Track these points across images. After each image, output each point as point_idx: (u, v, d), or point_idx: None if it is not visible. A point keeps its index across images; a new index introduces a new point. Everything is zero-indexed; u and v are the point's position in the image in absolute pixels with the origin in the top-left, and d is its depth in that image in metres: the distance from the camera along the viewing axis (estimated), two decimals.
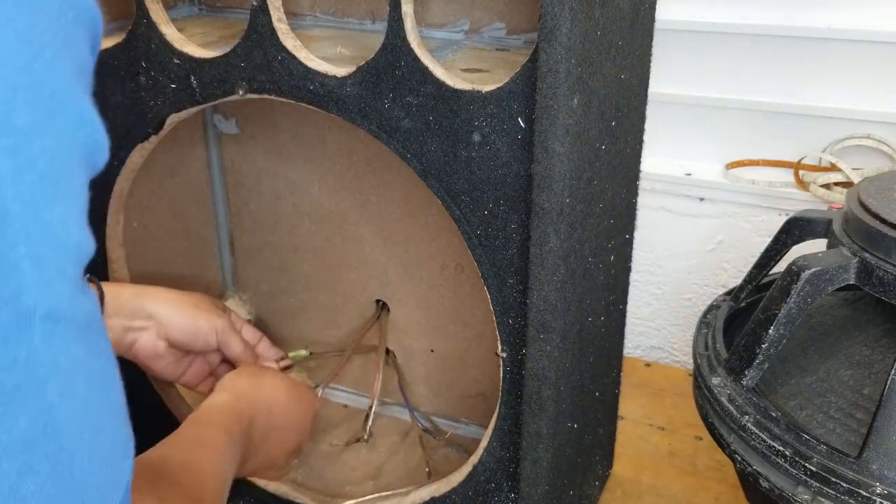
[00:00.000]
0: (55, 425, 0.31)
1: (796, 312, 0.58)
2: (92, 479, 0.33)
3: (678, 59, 1.04)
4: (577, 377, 0.66)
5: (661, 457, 0.90)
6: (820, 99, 1.01)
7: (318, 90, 0.59)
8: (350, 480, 0.81)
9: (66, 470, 0.31)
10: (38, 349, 0.30)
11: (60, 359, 0.31)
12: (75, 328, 0.32)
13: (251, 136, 0.84)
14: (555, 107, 0.50)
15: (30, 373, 0.30)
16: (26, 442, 0.30)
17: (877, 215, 0.59)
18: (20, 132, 0.28)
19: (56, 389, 0.31)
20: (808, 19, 0.98)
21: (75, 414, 0.32)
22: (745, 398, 0.60)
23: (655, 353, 1.21)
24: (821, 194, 1.00)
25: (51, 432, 0.31)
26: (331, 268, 0.87)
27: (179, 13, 0.78)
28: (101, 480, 0.34)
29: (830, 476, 0.53)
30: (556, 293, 0.56)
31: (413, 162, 0.58)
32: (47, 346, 0.30)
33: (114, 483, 0.35)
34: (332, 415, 0.90)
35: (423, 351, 0.86)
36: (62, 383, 0.31)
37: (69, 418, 0.31)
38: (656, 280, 1.16)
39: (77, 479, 0.32)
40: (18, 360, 0.29)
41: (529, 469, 0.63)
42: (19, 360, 0.29)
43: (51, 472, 0.31)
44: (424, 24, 0.69)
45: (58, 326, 0.31)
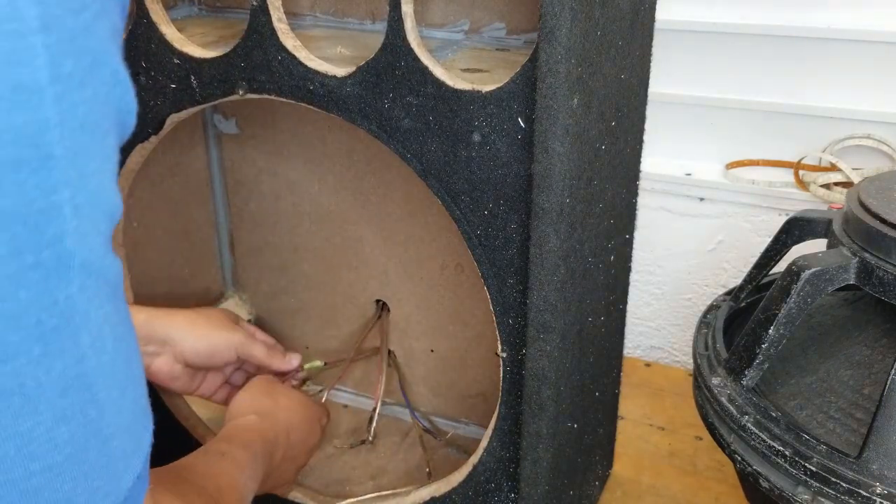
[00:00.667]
0: (87, 377, 0.32)
1: (796, 312, 0.58)
2: (117, 439, 0.34)
3: (678, 59, 1.04)
4: (577, 377, 0.66)
5: (661, 457, 0.90)
6: (820, 99, 1.01)
7: (318, 90, 0.59)
8: (350, 480, 0.81)
9: (95, 424, 0.32)
10: (74, 296, 0.30)
11: (92, 312, 0.32)
12: (106, 286, 0.33)
13: (251, 136, 0.84)
14: (555, 107, 0.50)
15: (67, 318, 0.30)
16: (62, 388, 0.30)
17: (877, 215, 0.59)
18: (65, 81, 0.29)
19: (88, 341, 0.31)
20: (808, 19, 0.98)
21: (104, 370, 0.33)
22: (745, 398, 0.60)
23: (655, 353, 1.21)
24: (821, 194, 1.00)
25: (83, 383, 0.31)
26: (331, 268, 0.87)
27: (179, 13, 0.78)
28: (124, 443, 0.34)
29: (830, 476, 0.53)
30: (556, 293, 0.56)
31: (413, 162, 0.58)
32: (81, 296, 0.31)
33: (135, 449, 0.36)
34: (334, 415, 0.90)
35: (423, 351, 0.86)
36: (93, 336, 0.32)
37: (99, 373, 0.32)
38: (656, 280, 1.16)
39: (104, 435, 0.33)
40: (58, 303, 0.30)
41: (529, 469, 0.63)
42: (59, 302, 0.30)
43: (82, 422, 0.32)
44: (424, 24, 0.69)
45: (90, 279, 0.31)
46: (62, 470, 0.31)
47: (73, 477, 0.32)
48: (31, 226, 0.29)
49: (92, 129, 0.31)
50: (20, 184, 0.28)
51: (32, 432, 0.30)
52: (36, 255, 0.29)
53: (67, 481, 0.31)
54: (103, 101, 0.31)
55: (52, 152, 0.29)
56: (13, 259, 0.28)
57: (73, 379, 0.31)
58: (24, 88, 0.28)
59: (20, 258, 0.28)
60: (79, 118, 0.30)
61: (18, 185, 0.28)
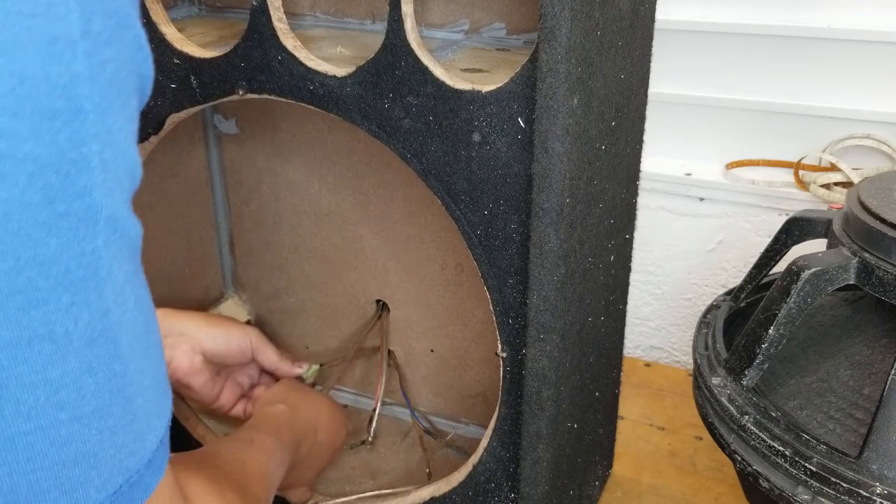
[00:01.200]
0: (111, 331, 0.32)
1: (796, 312, 0.58)
2: (140, 399, 0.34)
3: (678, 59, 1.04)
4: (577, 377, 0.66)
5: (661, 457, 0.90)
6: (820, 99, 1.01)
7: (318, 90, 0.59)
8: (350, 480, 0.81)
9: (119, 380, 0.33)
10: (100, 249, 0.31)
11: (115, 268, 0.32)
12: (128, 245, 0.33)
13: (251, 136, 0.84)
14: (555, 107, 0.50)
15: (93, 270, 0.31)
16: (89, 339, 0.31)
17: (877, 215, 0.59)
18: (95, 38, 0.30)
19: (112, 296, 0.32)
20: (808, 19, 0.98)
21: (127, 327, 0.33)
22: (745, 398, 0.60)
23: (655, 353, 1.21)
24: (821, 194, 1.00)
25: (108, 336, 0.32)
26: (331, 268, 0.87)
27: (179, 13, 0.78)
28: (147, 404, 0.35)
29: (830, 476, 0.53)
30: (556, 293, 0.56)
31: (413, 162, 0.58)
32: (107, 250, 0.31)
33: (158, 413, 0.36)
34: None
35: (423, 351, 0.86)
36: (116, 292, 0.32)
37: (123, 328, 0.33)
38: (656, 280, 1.16)
39: (128, 393, 0.34)
40: (85, 254, 0.30)
41: (529, 469, 0.63)
42: (86, 253, 0.30)
43: (107, 376, 0.32)
44: (424, 24, 0.69)
45: (115, 235, 0.32)
46: (89, 422, 0.32)
47: (100, 430, 0.32)
48: (63, 175, 0.29)
49: (118, 88, 0.32)
50: (54, 133, 0.29)
51: (61, 380, 0.30)
52: (67, 204, 0.29)
53: (94, 434, 0.32)
54: (128, 63, 0.32)
55: (83, 105, 0.30)
56: (46, 207, 0.29)
57: (98, 331, 0.32)
58: (58, 41, 0.28)
59: (52, 206, 0.29)
60: (107, 75, 0.31)
61: (53, 135, 0.29)
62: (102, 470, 0.33)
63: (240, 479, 0.53)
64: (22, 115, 0.28)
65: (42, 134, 0.28)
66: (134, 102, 0.34)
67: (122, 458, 0.34)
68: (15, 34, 0.27)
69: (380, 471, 0.82)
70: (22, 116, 0.28)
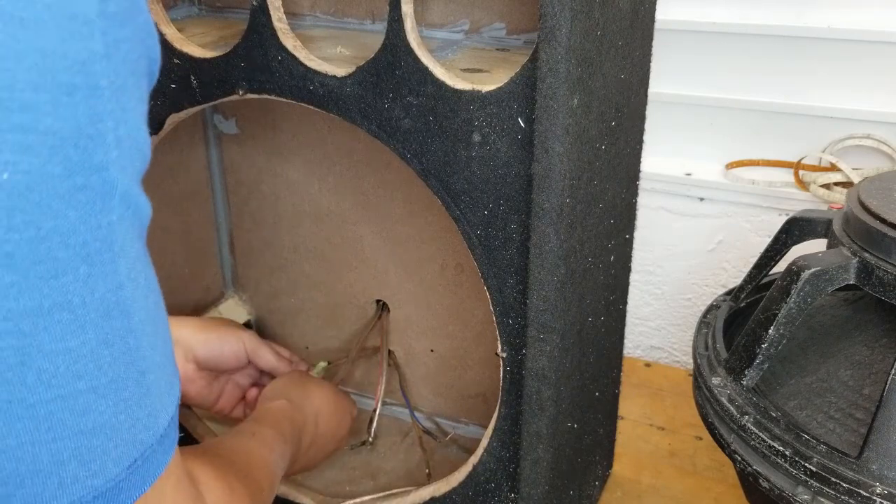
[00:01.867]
0: (125, 305, 0.33)
1: (796, 312, 0.58)
2: (153, 374, 0.35)
3: (678, 59, 1.04)
4: (577, 377, 0.66)
5: (661, 457, 0.90)
6: (820, 99, 1.01)
7: (318, 90, 0.59)
8: (350, 480, 0.81)
9: (133, 353, 0.34)
10: (114, 224, 0.32)
11: (127, 244, 0.33)
12: (139, 224, 0.34)
13: (251, 136, 0.84)
14: (555, 107, 0.50)
15: (108, 243, 0.32)
16: (104, 311, 0.32)
17: (877, 215, 0.59)
18: (111, 18, 0.31)
19: (125, 271, 0.33)
20: (808, 19, 0.98)
21: (139, 303, 0.34)
22: (745, 398, 0.60)
23: (655, 353, 1.21)
24: (821, 194, 0.99)
25: (122, 310, 0.33)
26: (331, 268, 0.87)
27: (179, 13, 0.78)
28: (159, 381, 0.36)
29: (830, 476, 0.53)
30: (556, 293, 0.56)
31: (413, 162, 0.58)
32: (120, 226, 0.32)
33: (168, 391, 0.37)
34: None
35: (423, 351, 0.86)
36: (129, 267, 0.33)
37: (135, 304, 0.33)
38: (656, 280, 1.16)
39: (141, 367, 0.34)
40: (101, 227, 0.31)
41: (529, 469, 0.63)
42: (102, 227, 0.31)
43: (122, 348, 0.33)
44: (424, 24, 0.69)
45: (127, 212, 0.33)
46: (106, 393, 0.32)
47: (115, 402, 0.33)
48: (81, 149, 0.30)
49: (131, 68, 0.32)
50: (73, 108, 0.29)
51: (80, 350, 0.31)
52: (85, 177, 0.30)
53: (111, 405, 0.33)
54: (139, 45, 0.33)
55: (99, 83, 0.30)
56: (66, 179, 0.30)
57: (113, 304, 0.32)
58: (77, 19, 0.29)
59: (72, 179, 0.30)
60: (121, 55, 0.31)
61: (72, 109, 0.29)
62: (119, 442, 0.33)
63: (243, 468, 0.53)
64: (43, 89, 0.28)
65: (62, 108, 0.29)
66: (144, 84, 0.34)
67: (136, 432, 0.34)
68: (38, 11, 0.28)
69: (380, 471, 0.82)
70: (43, 90, 0.28)
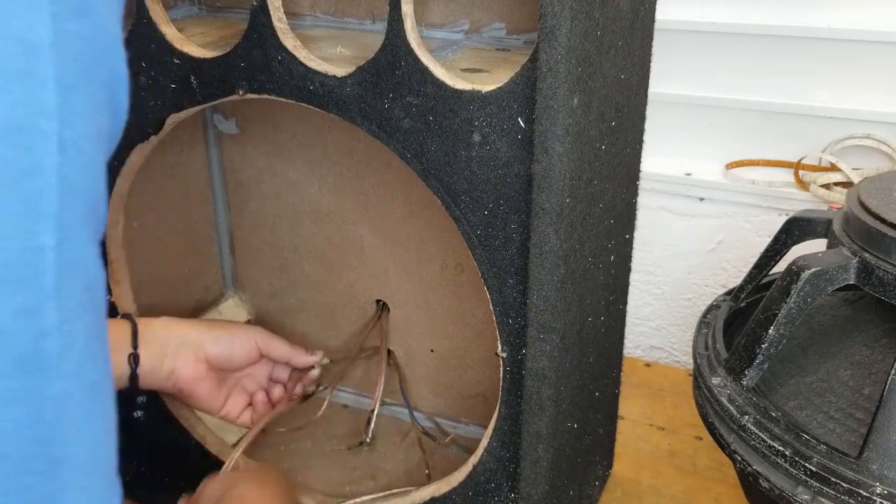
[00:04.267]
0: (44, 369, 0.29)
1: (796, 312, 0.58)
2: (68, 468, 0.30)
3: (678, 59, 1.04)
4: (577, 377, 0.66)
5: (661, 457, 0.90)
6: (820, 99, 1.01)
7: (318, 90, 0.59)
8: (350, 480, 0.81)
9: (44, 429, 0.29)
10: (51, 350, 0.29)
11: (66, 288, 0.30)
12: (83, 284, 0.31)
13: (251, 136, 0.84)
14: (555, 107, 0.50)
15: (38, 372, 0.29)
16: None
17: (877, 215, 0.59)
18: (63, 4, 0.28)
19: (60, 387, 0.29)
20: (808, 19, 0.98)
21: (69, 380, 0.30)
22: (745, 398, 0.60)
23: (655, 353, 1.21)
24: (821, 194, 0.99)
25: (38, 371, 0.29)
26: (331, 268, 0.87)
27: (179, 13, 0.78)
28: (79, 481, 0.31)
29: (830, 476, 0.53)
30: (556, 293, 0.56)
31: (413, 162, 0.58)
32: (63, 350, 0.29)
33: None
34: (333, 415, 0.90)
35: (423, 351, 0.86)
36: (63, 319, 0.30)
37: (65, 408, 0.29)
38: (656, 280, 1.16)
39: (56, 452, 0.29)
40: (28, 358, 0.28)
41: (529, 469, 0.63)
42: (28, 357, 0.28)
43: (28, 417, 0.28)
44: (424, 24, 0.69)
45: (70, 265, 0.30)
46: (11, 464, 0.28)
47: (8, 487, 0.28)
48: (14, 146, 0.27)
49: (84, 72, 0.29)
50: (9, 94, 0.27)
51: None
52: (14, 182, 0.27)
53: None
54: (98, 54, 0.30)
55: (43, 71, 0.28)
56: None
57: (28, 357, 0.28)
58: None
59: None
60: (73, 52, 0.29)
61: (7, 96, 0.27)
62: None
63: None
64: None
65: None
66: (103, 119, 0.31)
67: None
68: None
69: (380, 471, 0.82)
70: None
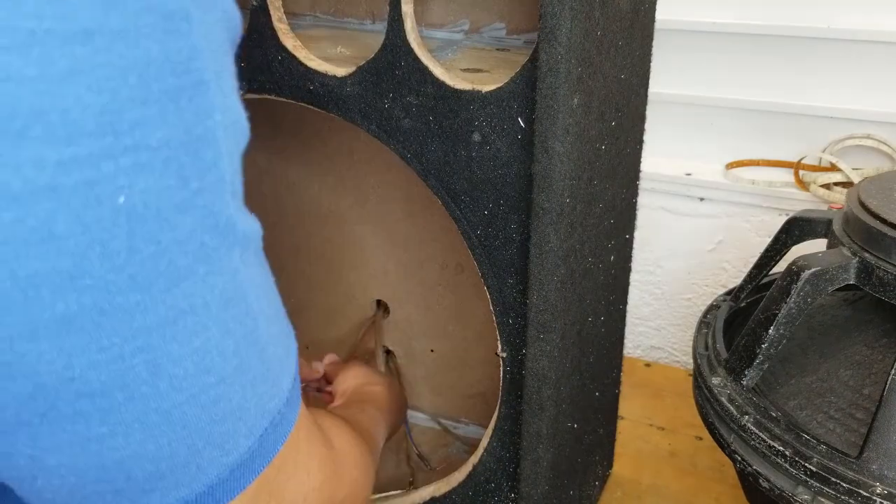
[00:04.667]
0: (242, 289, 0.33)
1: (796, 312, 0.58)
2: (272, 346, 0.36)
3: (678, 59, 1.04)
4: (577, 377, 0.66)
5: (661, 457, 0.90)
6: (820, 99, 1.01)
7: (318, 90, 0.59)
8: None
9: (252, 333, 0.34)
10: (233, 216, 0.32)
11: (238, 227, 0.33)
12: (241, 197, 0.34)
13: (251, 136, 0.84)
14: (555, 107, 0.50)
15: (224, 236, 0.31)
16: (224, 302, 0.32)
17: (877, 215, 0.59)
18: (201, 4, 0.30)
19: (238, 255, 0.33)
20: (808, 19, 0.98)
21: (253, 281, 0.34)
22: (745, 398, 0.60)
23: (655, 353, 1.21)
24: (821, 194, 1.00)
25: (240, 295, 0.33)
26: (331, 268, 0.87)
27: None
28: (277, 349, 0.37)
29: (830, 476, 0.53)
30: (556, 293, 0.56)
31: (413, 162, 0.58)
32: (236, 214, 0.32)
33: (287, 354, 0.38)
34: None
35: (423, 351, 0.86)
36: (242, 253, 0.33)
37: (250, 285, 0.34)
38: (656, 280, 1.16)
39: (262, 343, 0.35)
40: (219, 225, 0.31)
41: (529, 469, 0.63)
42: (220, 224, 0.31)
43: (242, 333, 0.33)
44: (424, 24, 0.69)
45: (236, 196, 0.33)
46: (232, 380, 0.33)
47: (242, 385, 0.34)
48: (193, 153, 0.29)
49: (223, 47, 0.32)
50: (181, 112, 0.29)
51: (205, 347, 0.31)
52: (200, 181, 0.30)
53: (237, 390, 0.33)
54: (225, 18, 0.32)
55: (204, 77, 0.30)
56: (182, 188, 0.29)
57: (231, 293, 0.32)
58: (174, 16, 0.28)
59: (187, 186, 0.29)
60: (215, 39, 0.31)
61: (179, 114, 0.29)
62: (248, 419, 0.34)
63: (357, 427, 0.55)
64: (150, 101, 0.27)
65: (170, 115, 0.28)
66: (232, 56, 0.33)
67: (263, 404, 0.35)
68: (133, 19, 0.27)
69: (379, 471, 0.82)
70: (150, 103, 0.27)
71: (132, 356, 0.29)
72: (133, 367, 0.29)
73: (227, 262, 0.32)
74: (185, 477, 0.33)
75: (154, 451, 0.31)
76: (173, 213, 0.29)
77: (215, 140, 0.30)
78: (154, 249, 0.29)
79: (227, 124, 0.31)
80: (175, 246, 0.29)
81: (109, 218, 0.27)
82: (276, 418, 0.36)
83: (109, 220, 0.27)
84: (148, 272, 0.29)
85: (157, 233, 0.29)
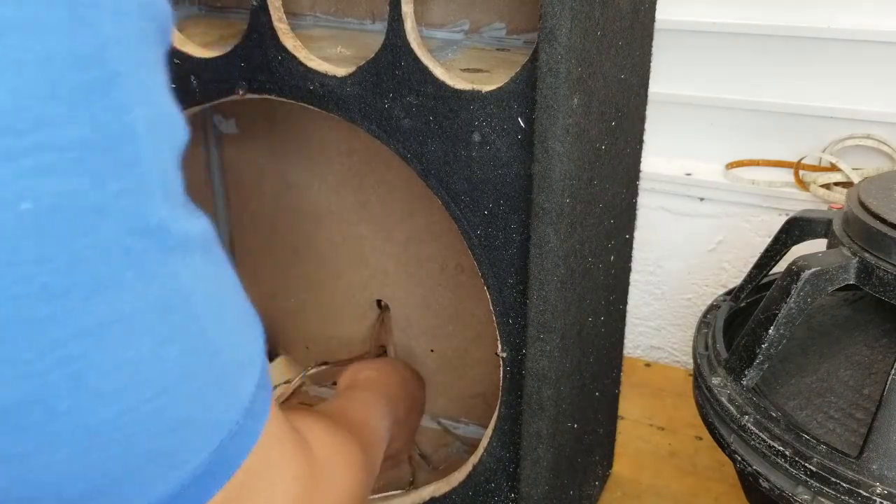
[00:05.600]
0: (182, 292, 0.31)
1: (796, 312, 0.58)
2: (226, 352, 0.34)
3: (678, 59, 1.04)
4: (577, 377, 0.66)
5: (661, 457, 0.90)
6: (820, 99, 1.01)
7: (318, 90, 0.59)
8: None
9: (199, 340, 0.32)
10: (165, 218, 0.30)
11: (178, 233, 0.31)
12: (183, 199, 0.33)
13: (251, 136, 0.84)
14: (555, 107, 0.50)
15: (158, 240, 0.30)
16: (161, 309, 0.30)
17: (877, 215, 0.59)
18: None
19: (180, 259, 0.31)
20: (808, 19, 0.98)
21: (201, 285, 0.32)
22: (745, 398, 0.60)
23: (655, 353, 1.21)
24: (821, 194, 0.99)
25: (180, 298, 0.31)
26: (331, 268, 0.87)
27: (179, 13, 0.77)
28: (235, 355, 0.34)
29: (830, 476, 0.53)
30: (556, 293, 0.56)
31: (413, 162, 0.58)
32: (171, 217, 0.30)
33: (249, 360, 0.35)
34: None
35: (423, 351, 0.86)
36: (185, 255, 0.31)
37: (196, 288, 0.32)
38: (656, 280, 1.16)
39: (211, 349, 0.33)
40: (149, 226, 0.29)
41: (529, 469, 0.63)
42: (150, 226, 0.29)
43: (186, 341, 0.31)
44: (424, 24, 0.69)
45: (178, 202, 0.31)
46: (176, 391, 0.31)
47: (188, 396, 0.31)
48: (109, 151, 0.27)
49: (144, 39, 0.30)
50: (91, 108, 0.27)
51: (139, 357, 0.29)
52: (119, 181, 0.28)
53: (183, 401, 0.31)
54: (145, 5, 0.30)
55: (117, 69, 0.28)
56: (97, 189, 0.27)
57: (170, 299, 0.30)
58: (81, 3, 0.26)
59: (104, 188, 0.27)
60: (132, 29, 0.29)
61: (90, 110, 0.27)
62: (199, 430, 0.32)
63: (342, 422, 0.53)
64: (56, 97, 0.26)
65: (80, 112, 0.26)
66: (160, 51, 0.31)
67: (217, 414, 0.33)
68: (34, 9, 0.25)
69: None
70: (56, 99, 0.26)
71: (49, 371, 0.27)
72: (51, 382, 0.27)
73: (162, 266, 0.30)
74: (129, 493, 0.31)
75: (83, 469, 0.29)
76: (89, 216, 0.27)
77: (135, 137, 0.28)
78: (68, 257, 0.27)
79: (152, 119, 0.29)
80: (93, 252, 0.27)
81: (12, 225, 0.25)
82: (235, 429, 0.34)
83: (12, 228, 0.25)
84: (62, 281, 0.27)
85: (70, 239, 0.27)
